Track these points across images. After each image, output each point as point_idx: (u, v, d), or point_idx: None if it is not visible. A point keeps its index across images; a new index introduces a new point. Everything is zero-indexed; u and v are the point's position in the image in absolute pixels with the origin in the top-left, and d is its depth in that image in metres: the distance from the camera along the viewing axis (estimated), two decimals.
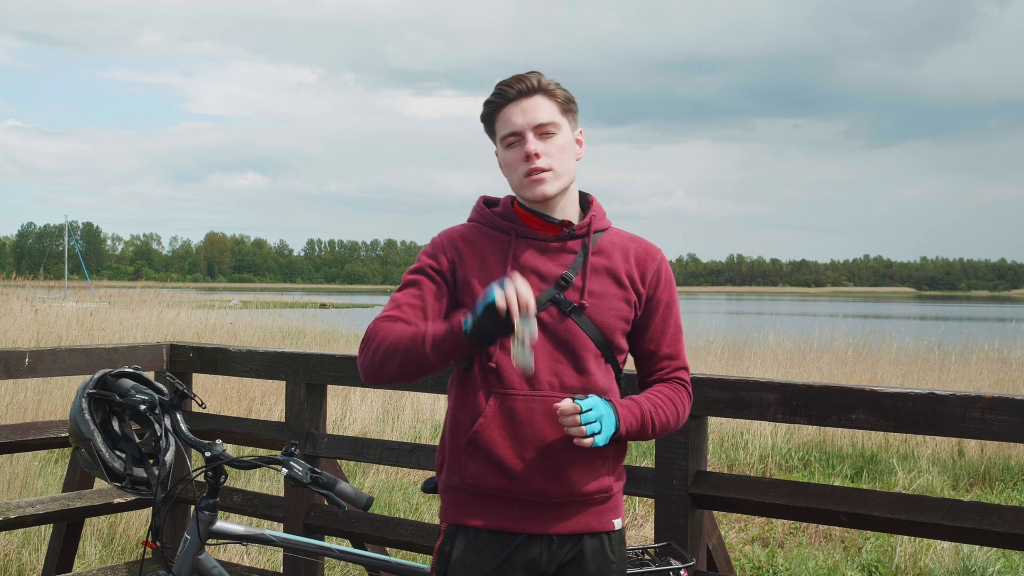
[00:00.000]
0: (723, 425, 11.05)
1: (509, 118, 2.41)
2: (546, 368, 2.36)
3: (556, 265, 2.42)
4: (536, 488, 2.35)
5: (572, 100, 2.48)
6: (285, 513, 4.22)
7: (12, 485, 7.38)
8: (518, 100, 2.41)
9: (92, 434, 2.86)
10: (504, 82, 2.43)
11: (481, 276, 2.41)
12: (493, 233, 2.47)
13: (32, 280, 29.33)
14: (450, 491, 2.45)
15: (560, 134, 2.43)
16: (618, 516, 2.48)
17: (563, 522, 2.38)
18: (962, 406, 2.84)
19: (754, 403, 3.19)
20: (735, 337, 18.48)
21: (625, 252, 2.48)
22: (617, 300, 2.42)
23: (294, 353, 4.28)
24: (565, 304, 2.38)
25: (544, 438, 2.34)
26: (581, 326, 2.38)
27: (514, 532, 2.37)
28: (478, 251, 2.45)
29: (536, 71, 2.45)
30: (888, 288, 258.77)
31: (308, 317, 25.06)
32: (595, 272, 2.43)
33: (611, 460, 2.43)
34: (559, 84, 2.46)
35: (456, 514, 2.43)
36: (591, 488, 2.39)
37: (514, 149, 2.42)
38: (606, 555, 2.42)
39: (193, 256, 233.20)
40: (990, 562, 6.25)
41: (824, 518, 3.17)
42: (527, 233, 2.44)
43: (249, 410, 11.31)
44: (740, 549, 7.03)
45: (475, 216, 2.54)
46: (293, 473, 2.71)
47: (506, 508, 2.37)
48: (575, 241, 2.45)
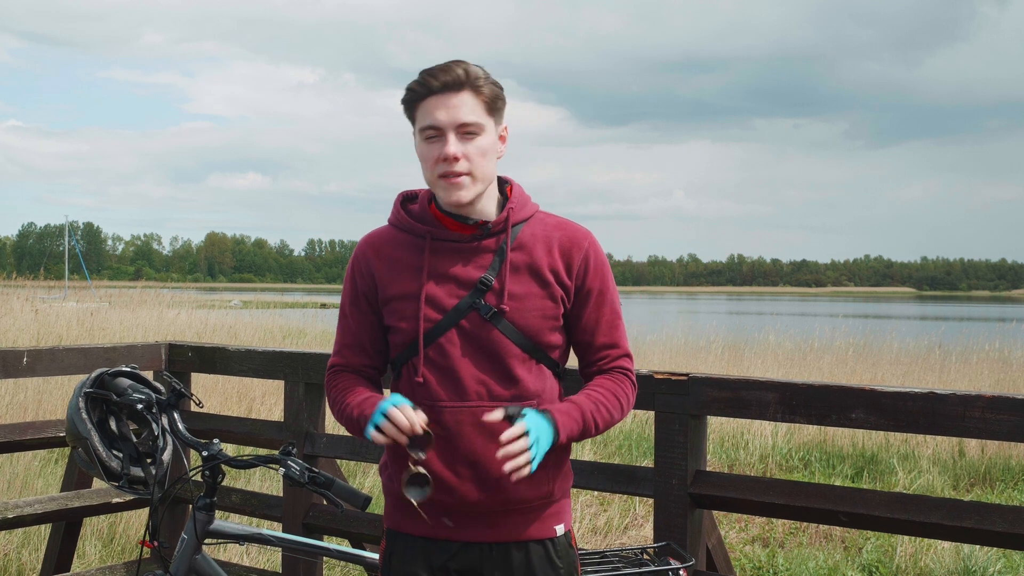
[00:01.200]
0: (723, 425, 11.04)
1: (431, 110, 2.26)
2: (472, 377, 2.28)
3: (474, 267, 2.31)
4: (470, 500, 2.29)
5: (500, 97, 2.32)
6: (284, 513, 4.21)
7: (12, 485, 7.38)
8: (443, 93, 2.25)
9: (89, 433, 2.85)
10: (429, 71, 2.27)
11: (396, 290, 2.34)
12: (408, 238, 2.37)
13: (32, 280, 29.33)
14: (391, 494, 2.42)
15: (483, 136, 2.28)
16: (560, 522, 2.40)
17: (499, 530, 2.33)
18: (962, 405, 2.83)
19: (754, 402, 3.18)
20: (735, 337, 18.47)
21: (548, 243, 2.34)
22: (540, 299, 2.31)
23: (292, 353, 4.27)
24: (485, 310, 2.28)
25: (475, 449, 2.27)
26: (503, 331, 2.29)
27: (451, 540, 2.33)
28: (392, 262, 2.36)
29: (463, 61, 2.29)
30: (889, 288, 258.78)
31: (309, 317, 25.05)
32: (515, 271, 2.31)
33: (550, 466, 2.34)
34: (488, 76, 2.30)
35: (394, 519, 2.41)
36: (528, 495, 2.32)
37: (432, 144, 2.27)
38: (552, 562, 2.35)
39: (194, 256, 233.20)
40: (991, 562, 6.24)
41: (824, 518, 3.17)
42: (443, 235, 2.33)
43: (249, 410, 11.30)
44: (740, 549, 7.01)
45: (392, 219, 2.43)
46: (290, 472, 2.70)
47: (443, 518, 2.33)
48: (493, 239, 2.33)
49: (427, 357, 2.30)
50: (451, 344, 2.29)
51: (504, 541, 2.33)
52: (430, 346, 2.30)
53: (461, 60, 2.30)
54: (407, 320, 2.31)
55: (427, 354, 2.30)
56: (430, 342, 2.30)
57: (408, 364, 2.34)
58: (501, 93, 2.33)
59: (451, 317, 2.29)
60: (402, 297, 2.33)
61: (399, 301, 2.33)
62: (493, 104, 2.31)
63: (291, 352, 4.28)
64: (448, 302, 2.30)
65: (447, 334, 2.29)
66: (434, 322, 2.29)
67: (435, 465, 2.27)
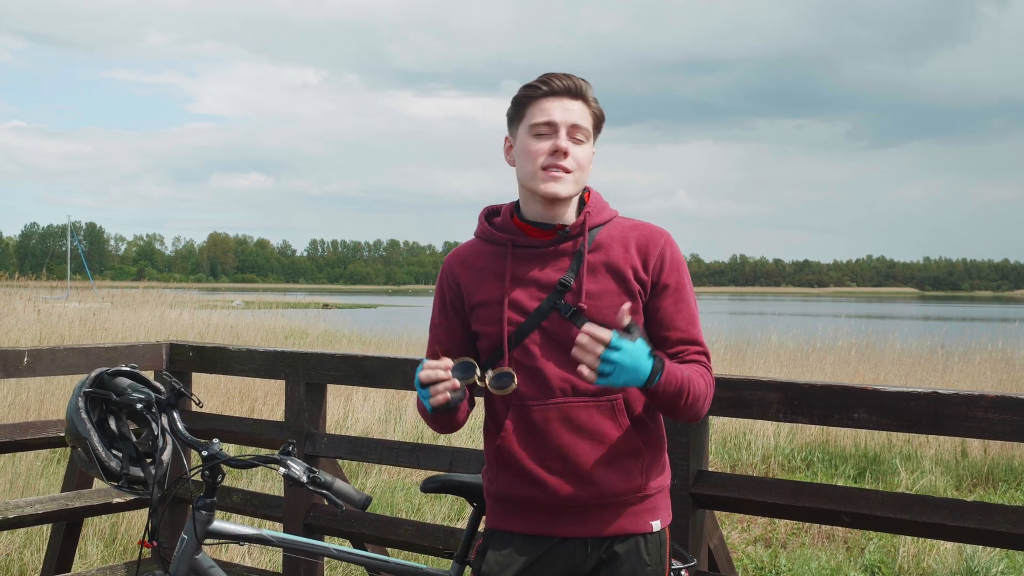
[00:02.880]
0: (726, 425, 11.04)
1: (547, 108, 2.38)
2: (556, 376, 2.37)
3: (554, 270, 2.41)
4: (563, 495, 2.37)
5: (603, 119, 2.48)
6: (284, 513, 4.21)
7: (14, 485, 7.38)
8: (561, 96, 2.39)
9: (88, 433, 2.85)
10: (554, 74, 2.41)
11: (481, 296, 2.45)
12: (492, 247, 2.48)
13: (35, 280, 29.38)
14: (490, 496, 2.51)
15: (587, 144, 2.43)
16: (656, 518, 2.45)
17: (595, 525, 2.39)
18: (965, 405, 2.82)
19: (756, 402, 3.17)
20: (738, 337, 18.48)
21: (625, 242, 2.43)
22: (617, 295, 2.39)
23: (293, 352, 4.26)
24: (565, 309, 2.38)
25: (564, 445, 2.36)
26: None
27: (548, 536, 2.40)
28: (477, 271, 2.47)
29: (584, 78, 2.43)
30: (891, 288, 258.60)
31: (311, 317, 25.08)
32: (593, 271, 2.40)
33: (644, 458, 2.41)
34: (597, 100, 2.46)
35: (494, 519, 2.49)
36: (620, 489, 2.38)
37: (543, 140, 2.38)
38: (641, 557, 2.40)
39: (196, 256, 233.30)
40: (993, 562, 6.23)
41: (826, 518, 3.16)
42: (523, 242, 2.44)
43: (251, 410, 11.30)
44: (743, 549, 7.00)
45: (477, 231, 2.56)
46: (290, 472, 2.70)
47: (538, 514, 2.40)
48: (571, 242, 2.43)
49: (512, 358, 2.39)
50: (535, 344, 2.39)
51: (597, 536, 2.39)
52: (515, 348, 2.39)
53: (581, 77, 2.44)
54: (492, 324, 2.42)
55: (512, 355, 2.39)
56: (515, 344, 2.40)
57: (496, 368, 2.42)
58: (604, 116, 2.48)
59: (533, 319, 2.39)
60: (487, 303, 2.43)
61: (484, 307, 2.44)
62: (598, 122, 2.47)
63: (292, 352, 4.27)
64: (530, 304, 2.40)
65: (531, 335, 2.39)
66: (517, 324, 2.40)
67: (526, 463, 2.38)
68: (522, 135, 2.42)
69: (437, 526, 3.90)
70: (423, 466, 3.86)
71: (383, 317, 33.03)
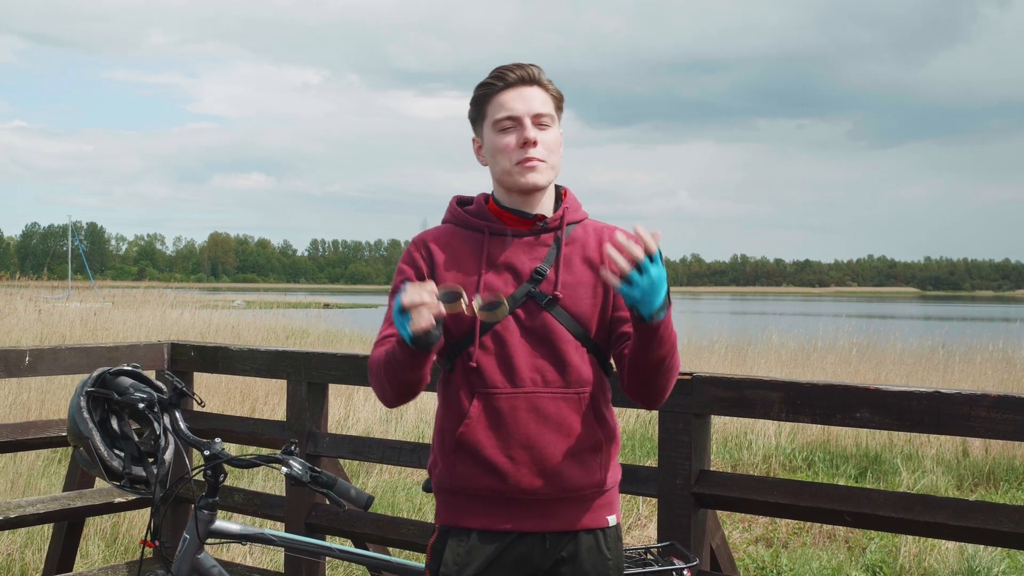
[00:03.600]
0: (727, 425, 11.03)
1: (506, 102, 2.38)
2: (527, 364, 2.35)
3: (530, 259, 2.40)
4: (525, 486, 2.34)
5: (562, 98, 2.47)
6: (286, 513, 4.21)
7: (16, 484, 7.38)
8: (517, 86, 2.39)
9: (90, 432, 2.85)
10: (504, 67, 2.41)
11: (455, 278, 2.39)
12: (467, 233, 2.46)
13: (36, 280, 29.33)
14: (442, 492, 2.45)
15: (553, 128, 2.42)
16: (612, 513, 2.45)
17: (554, 519, 2.37)
18: (967, 405, 2.82)
19: (758, 402, 3.17)
20: (739, 337, 18.46)
21: (600, 238, 2.44)
22: (593, 287, 2.40)
23: (295, 352, 4.26)
24: (540, 297, 2.37)
25: (530, 435, 2.33)
26: (558, 318, 2.37)
27: (506, 531, 2.36)
28: (451, 251, 2.44)
29: (534, 64, 2.43)
30: (892, 288, 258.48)
31: (312, 317, 25.09)
32: (569, 262, 2.41)
33: (603, 453, 2.40)
34: (551, 81, 2.45)
35: (449, 515, 2.43)
36: (582, 483, 2.37)
37: (509, 134, 2.38)
38: (602, 552, 2.40)
39: (197, 256, 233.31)
40: (995, 562, 6.22)
41: (828, 518, 3.15)
42: (501, 230, 2.43)
43: (252, 410, 11.30)
44: (744, 549, 7.00)
45: (448, 217, 2.53)
46: (292, 472, 2.70)
47: (497, 508, 2.36)
48: (549, 234, 2.43)
49: (482, 344, 2.36)
50: (507, 331, 2.36)
51: (558, 531, 2.37)
52: (486, 333, 2.36)
53: (531, 63, 2.43)
54: None
55: (483, 341, 2.36)
56: (486, 329, 2.36)
57: (463, 353, 2.39)
58: (563, 96, 2.47)
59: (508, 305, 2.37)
60: (460, 280, 2.38)
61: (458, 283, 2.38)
62: (558, 103, 2.46)
63: (293, 351, 4.27)
64: (504, 291, 2.37)
65: (503, 321, 2.36)
66: None
67: (489, 452, 2.33)
68: (488, 133, 2.42)
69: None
70: (424, 465, 3.83)
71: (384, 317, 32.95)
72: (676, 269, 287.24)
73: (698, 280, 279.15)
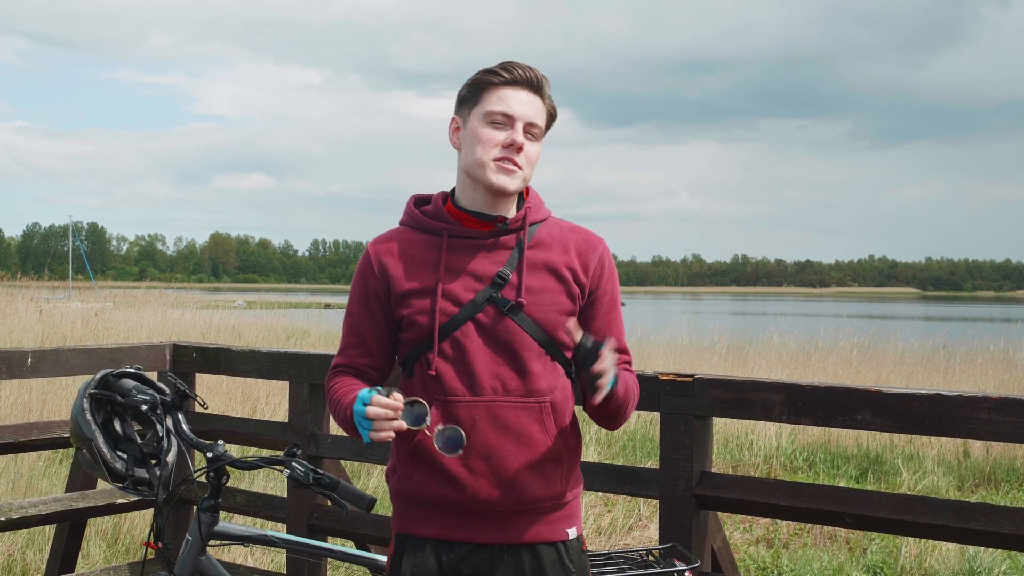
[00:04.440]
0: (728, 426, 11.03)
1: (507, 98, 2.30)
2: (487, 371, 2.28)
3: (491, 263, 2.32)
4: (482, 497, 2.27)
5: (555, 118, 2.42)
6: (288, 514, 4.21)
7: (16, 485, 7.38)
8: (522, 87, 2.32)
9: (93, 434, 2.85)
10: (515, 63, 2.33)
11: (412, 285, 2.33)
12: (423, 236, 2.38)
13: (37, 280, 29.31)
14: (399, 498, 2.40)
15: (537, 143, 2.36)
16: (572, 525, 2.38)
17: (512, 531, 2.31)
18: (968, 407, 2.82)
19: (759, 404, 3.17)
20: (739, 338, 18.46)
21: (564, 244, 2.37)
22: (557, 294, 2.32)
23: (297, 353, 4.27)
24: (502, 303, 2.29)
25: (489, 445, 2.26)
26: (520, 324, 2.29)
27: (462, 542, 2.31)
28: (406, 259, 2.36)
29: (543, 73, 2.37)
30: (893, 288, 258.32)
31: (312, 317, 25.09)
32: (533, 267, 2.33)
33: (564, 465, 2.34)
34: (551, 97, 2.40)
35: (404, 523, 2.38)
36: (540, 495, 2.30)
37: (497, 130, 2.30)
38: (565, 566, 2.34)
39: (198, 256, 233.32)
40: (996, 563, 6.22)
41: (829, 519, 3.16)
42: (459, 232, 2.34)
43: (253, 410, 11.30)
44: (745, 550, 7.00)
45: (405, 219, 2.44)
46: (295, 474, 2.70)
47: (453, 518, 2.31)
48: (510, 236, 2.34)
49: (442, 351, 2.29)
50: (467, 338, 2.29)
51: (516, 543, 2.31)
52: (445, 340, 2.29)
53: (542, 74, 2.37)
54: (423, 314, 2.31)
55: (442, 348, 2.29)
56: (445, 336, 2.29)
57: (422, 359, 2.32)
58: (556, 113, 2.42)
59: (468, 310, 2.29)
60: (418, 292, 2.32)
61: (415, 296, 2.32)
62: (550, 120, 2.41)
63: (295, 353, 4.28)
64: (465, 296, 2.30)
65: (463, 327, 2.29)
66: (450, 315, 2.29)
67: (446, 461, 2.26)
68: (475, 120, 2.33)
69: None
70: None
71: None
72: (677, 270, 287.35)
73: (699, 280, 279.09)
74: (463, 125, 2.37)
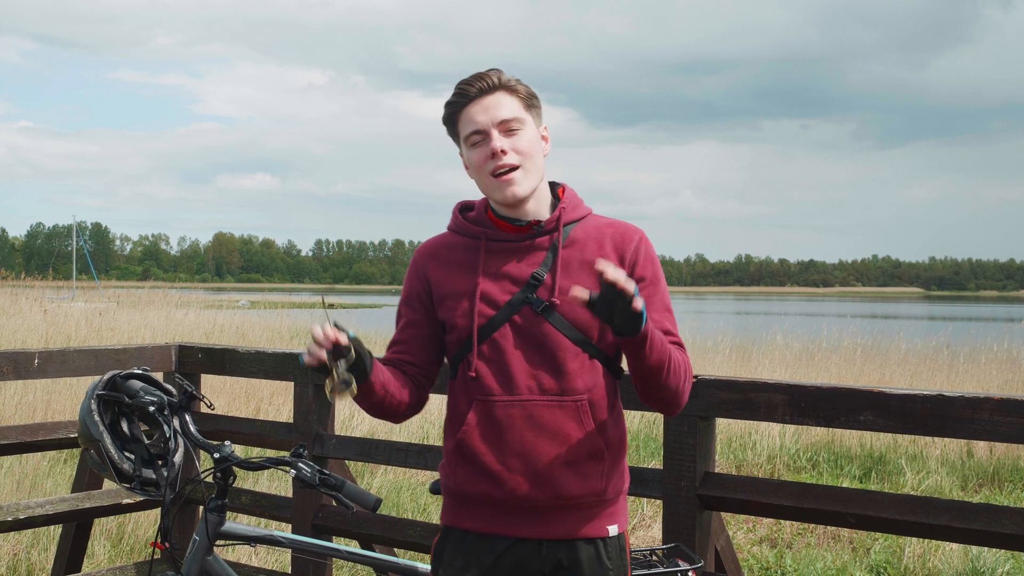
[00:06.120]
0: (731, 426, 11.03)
1: (471, 116, 2.35)
2: (523, 371, 2.33)
3: (527, 265, 2.37)
4: (521, 494, 2.32)
5: (534, 95, 2.41)
6: (293, 514, 4.23)
7: (22, 485, 7.40)
8: (479, 98, 2.35)
9: (101, 435, 2.87)
10: (464, 81, 2.37)
11: (452, 288, 2.41)
12: (465, 241, 2.45)
13: (41, 280, 29.42)
14: (447, 493, 2.47)
15: (525, 130, 2.36)
16: (614, 523, 2.40)
17: (552, 527, 2.34)
18: (970, 408, 2.83)
19: (762, 404, 3.18)
20: (743, 337, 18.45)
21: (600, 240, 2.40)
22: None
23: (302, 354, 4.27)
24: (537, 304, 2.34)
25: (525, 443, 2.31)
26: (555, 325, 2.33)
27: (503, 536, 2.36)
28: (447, 263, 2.44)
29: (496, 68, 2.39)
30: (896, 288, 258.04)
31: (316, 317, 25.07)
32: (567, 267, 2.36)
33: (604, 462, 2.36)
34: (520, 80, 2.40)
35: (450, 516, 2.45)
36: (578, 492, 2.34)
37: (479, 148, 2.35)
38: (602, 562, 2.36)
39: (201, 256, 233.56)
40: (999, 563, 6.23)
41: (832, 520, 3.17)
42: (497, 236, 2.41)
43: (257, 410, 11.32)
44: (748, 550, 7.02)
45: (450, 224, 2.52)
46: (301, 475, 2.72)
47: (494, 513, 2.36)
48: (545, 238, 2.39)
49: (480, 352, 2.36)
50: (504, 339, 2.35)
51: (554, 538, 2.35)
52: (484, 341, 2.36)
53: (494, 68, 2.39)
54: (462, 317, 2.38)
55: (480, 349, 2.36)
56: (484, 337, 2.36)
57: (464, 361, 2.40)
58: (536, 93, 2.42)
59: (504, 312, 2.35)
60: (457, 295, 2.40)
61: (454, 299, 2.40)
62: (529, 101, 2.40)
63: (300, 353, 4.28)
64: (501, 298, 2.36)
65: (500, 329, 2.35)
66: (488, 318, 2.36)
67: (485, 459, 2.33)
68: (463, 149, 2.41)
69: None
70: (431, 467, 3.87)
71: (387, 317, 33.05)
72: (680, 269, 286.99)
73: (702, 280, 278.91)
74: (462, 154, 2.44)
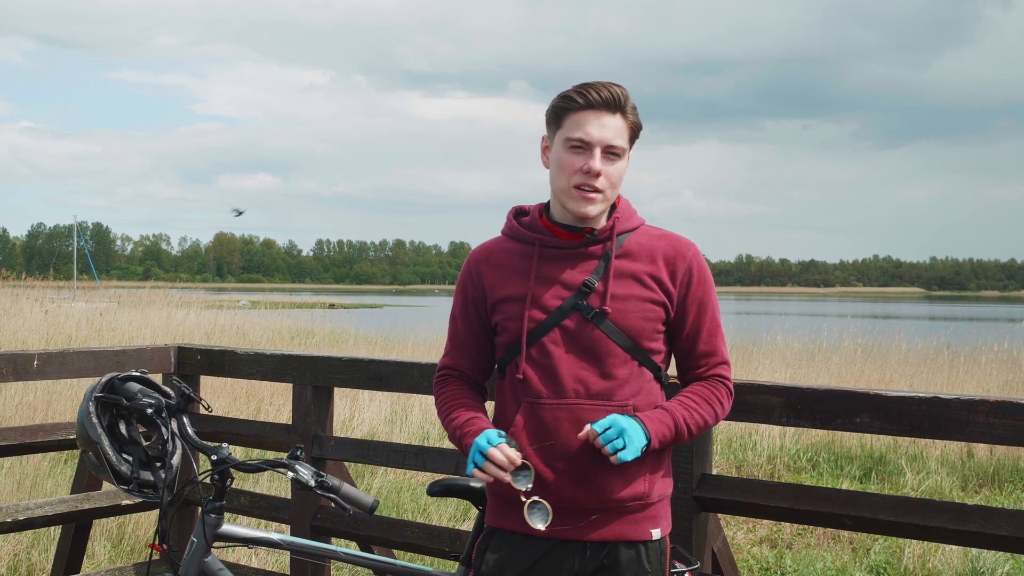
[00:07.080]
0: (731, 426, 11.03)
1: (584, 124, 2.38)
2: (571, 375, 2.38)
3: (579, 272, 2.43)
4: (566, 496, 2.37)
5: (640, 128, 2.47)
6: (292, 515, 4.23)
7: (21, 486, 7.41)
8: (600, 111, 2.38)
9: (99, 437, 2.88)
10: (591, 85, 2.40)
11: (504, 292, 2.47)
12: (519, 246, 2.50)
13: (42, 280, 29.45)
14: (492, 494, 2.51)
15: (622, 160, 2.42)
16: (657, 526, 2.46)
17: (596, 529, 2.39)
18: (966, 410, 2.83)
19: (759, 407, 3.18)
20: (744, 337, 18.45)
21: (652, 253, 2.45)
22: (643, 302, 2.41)
23: (301, 355, 4.29)
24: (587, 310, 2.39)
25: (572, 446, 2.37)
26: (605, 331, 2.39)
27: (546, 537, 2.39)
28: (501, 267, 2.50)
29: (621, 86, 2.41)
30: (897, 288, 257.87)
31: (317, 317, 25.14)
32: (619, 276, 2.42)
33: (649, 466, 2.42)
34: (636, 108, 2.43)
35: (494, 517, 2.50)
36: (623, 495, 2.39)
37: (576, 155, 2.39)
38: (642, 565, 2.41)
39: (202, 256, 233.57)
40: (999, 563, 6.23)
41: (829, 521, 3.17)
42: (551, 242, 2.46)
43: (257, 411, 11.33)
44: (748, 550, 7.02)
45: (504, 229, 2.58)
46: (299, 476, 2.73)
47: None
48: (599, 246, 2.45)
49: (529, 355, 2.41)
50: (553, 343, 2.40)
51: (596, 540, 2.40)
52: (533, 345, 2.41)
53: (620, 84, 2.41)
54: (513, 320, 2.44)
55: (529, 352, 2.41)
56: (533, 341, 2.41)
57: (512, 363, 2.45)
58: (641, 125, 2.46)
59: (554, 317, 2.41)
60: (509, 299, 2.45)
61: (507, 303, 2.46)
62: (635, 133, 2.46)
63: (299, 355, 4.30)
64: (552, 303, 2.41)
65: (550, 333, 2.41)
66: (538, 322, 2.42)
67: (532, 460, 2.37)
68: (558, 145, 2.43)
69: (443, 528, 3.92)
70: (429, 469, 3.88)
71: (388, 317, 33.08)
72: None
73: None
74: (550, 145, 2.47)
